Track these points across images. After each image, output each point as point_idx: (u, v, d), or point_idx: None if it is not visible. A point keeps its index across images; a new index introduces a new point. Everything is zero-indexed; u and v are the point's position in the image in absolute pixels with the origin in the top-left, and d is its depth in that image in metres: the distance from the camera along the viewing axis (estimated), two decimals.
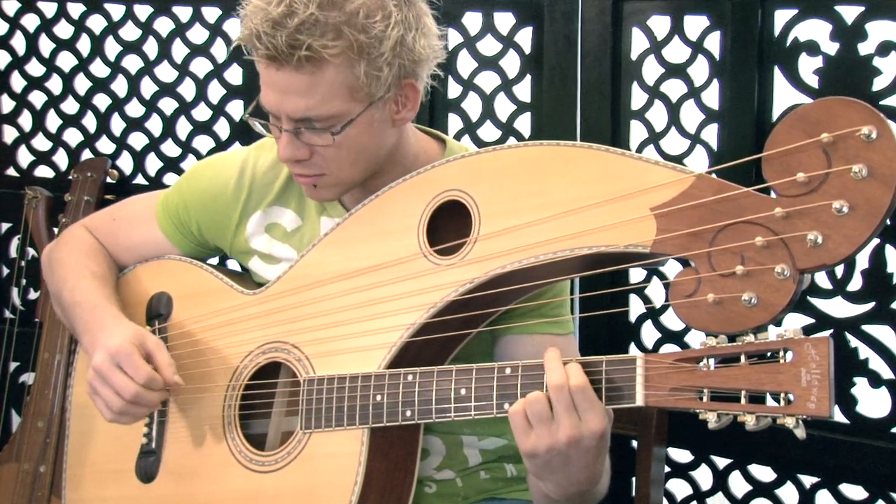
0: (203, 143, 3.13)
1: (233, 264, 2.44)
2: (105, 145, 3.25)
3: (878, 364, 2.37)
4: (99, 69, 3.22)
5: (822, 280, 2.40)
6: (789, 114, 1.51)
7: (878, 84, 2.29)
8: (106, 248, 2.25)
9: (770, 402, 1.50)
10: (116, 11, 3.17)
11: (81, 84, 3.26)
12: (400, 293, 1.83)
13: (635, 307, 2.65)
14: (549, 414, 1.60)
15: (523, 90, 2.73)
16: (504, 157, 1.79)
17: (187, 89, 3.13)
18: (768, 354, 1.50)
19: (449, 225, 1.83)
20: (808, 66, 2.37)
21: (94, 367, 1.93)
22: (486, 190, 1.79)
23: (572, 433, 1.59)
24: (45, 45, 3.28)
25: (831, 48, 2.34)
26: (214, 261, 2.26)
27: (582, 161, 1.70)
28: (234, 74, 3.06)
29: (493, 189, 1.78)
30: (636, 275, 2.60)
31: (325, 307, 1.91)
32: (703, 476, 2.63)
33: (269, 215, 2.09)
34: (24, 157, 3.36)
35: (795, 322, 2.39)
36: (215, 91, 3.09)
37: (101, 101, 3.23)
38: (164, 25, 3.12)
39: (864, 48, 2.30)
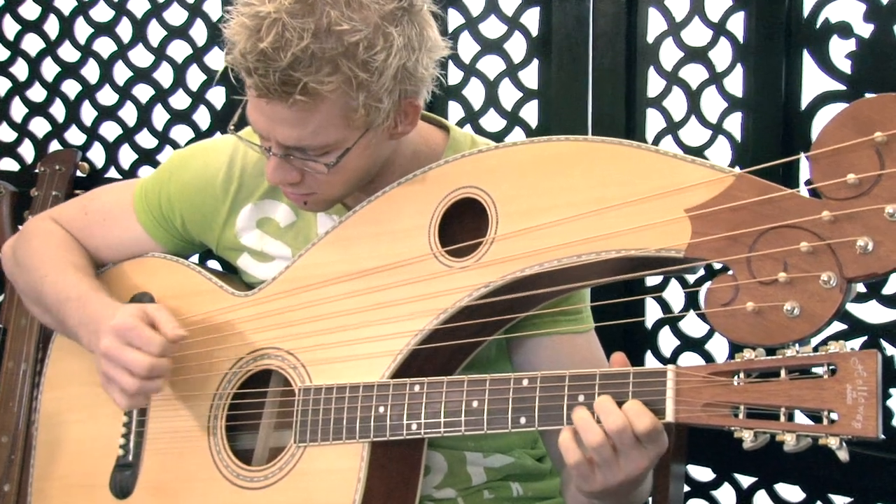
0: (181, 133, 3.13)
1: (216, 265, 2.43)
2: (75, 136, 3.25)
3: None
4: (68, 53, 3.22)
5: None
6: (840, 111, 1.52)
7: None
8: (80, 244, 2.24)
9: (798, 418, 1.50)
10: None
11: (49, 69, 3.25)
12: (407, 297, 1.82)
13: (652, 313, 2.64)
14: (612, 455, 1.63)
15: (530, 76, 2.72)
16: (525, 152, 1.79)
17: (164, 75, 3.12)
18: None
19: (462, 225, 1.83)
20: (839, 50, 2.37)
21: (103, 351, 1.93)
22: (505, 187, 1.79)
23: (639, 468, 1.65)
24: (10, 28, 3.28)
25: (865, 30, 2.33)
26: (195, 258, 2.24)
27: (610, 158, 1.71)
28: (215, 59, 3.05)
29: (513, 186, 1.78)
30: (652, 278, 2.59)
31: (324, 311, 1.90)
32: (726, 496, 2.62)
33: (260, 209, 2.09)
34: None
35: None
36: (194, 77, 3.09)
37: (71, 87, 3.23)
38: (138, 6, 3.12)
39: None
